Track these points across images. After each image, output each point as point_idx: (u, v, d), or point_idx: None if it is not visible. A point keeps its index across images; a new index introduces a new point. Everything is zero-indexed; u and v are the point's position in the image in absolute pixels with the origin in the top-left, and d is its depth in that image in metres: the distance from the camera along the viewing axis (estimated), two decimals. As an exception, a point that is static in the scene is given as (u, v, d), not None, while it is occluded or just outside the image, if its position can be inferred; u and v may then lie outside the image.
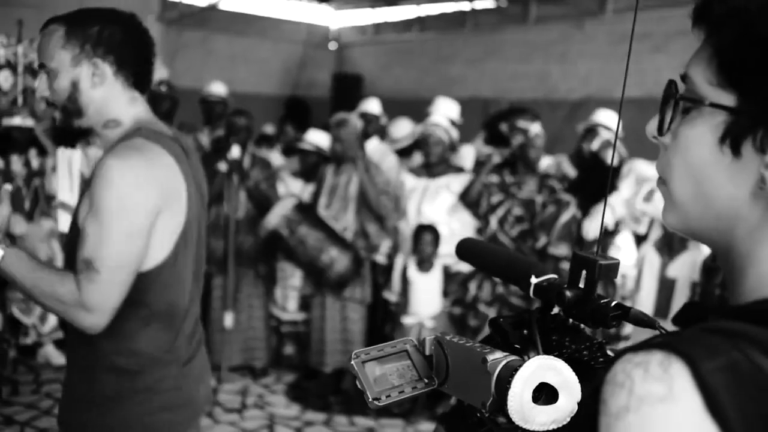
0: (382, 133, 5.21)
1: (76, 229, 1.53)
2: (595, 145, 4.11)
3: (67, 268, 1.52)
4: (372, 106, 5.29)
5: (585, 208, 3.77)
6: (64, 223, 1.69)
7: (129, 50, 1.59)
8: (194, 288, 1.68)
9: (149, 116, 1.64)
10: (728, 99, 0.59)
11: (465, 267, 4.00)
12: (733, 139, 0.59)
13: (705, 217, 0.64)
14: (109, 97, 1.57)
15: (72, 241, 1.54)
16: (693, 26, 0.63)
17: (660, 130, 0.66)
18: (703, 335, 0.52)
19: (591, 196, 3.67)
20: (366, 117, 5.15)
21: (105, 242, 1.44)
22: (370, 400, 0.79)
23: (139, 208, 1.47)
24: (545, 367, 0.69)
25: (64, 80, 1.54)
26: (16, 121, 4.44)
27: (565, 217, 3.72)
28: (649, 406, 0.49)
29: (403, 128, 5.05)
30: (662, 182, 0.67)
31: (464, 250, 0.97)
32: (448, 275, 4.03)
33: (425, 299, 3.99)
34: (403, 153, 4.93)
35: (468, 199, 4.01)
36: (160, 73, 5.19)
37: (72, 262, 1.50)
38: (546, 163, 4.33)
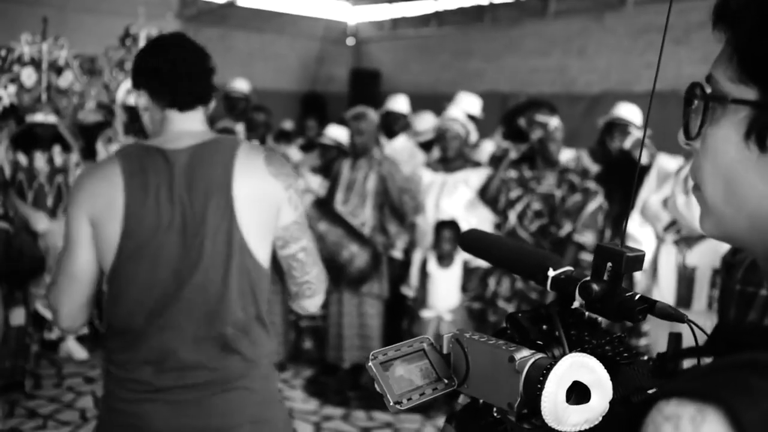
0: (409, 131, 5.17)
1: None
2: (627, 143, 4.07)
3: None
4: (398, 104, 5.20)
5: (612, 200, 3.75)
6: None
7: (156, 77, 1.67)
8: (166, 314, 1.58)
9: (168, 134, 1.67)
10: (750, 94, 0.58)
11: (484, 262, 3.98)
12: (758, 133, 0.57)
13: (739, 219, 0.62)
14: (153, 120, 1.71)
15: None
16: (714, 28, 0.62)
17: (687, 135, 0.64)
18: (741, 375, 0.49)
19: (621, 188, 3.63)
20: (392, 115, 5.11)
21: (63, 252, 1.61)
22: (391, 404, 0.77)
23: (72, 220, 1.59)
24: (578, 365, 0.67)
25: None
26: (39, 117, 4.48)
27: (593, 205, 3.70)
28: None
29: (427, 122, 5.03)
30: (697, 188, 0.66)
31: (469, 241, 0.94)
32: (468, 270, 4.01)
33: (444, 294, 3.98)
34: (425, 147, 4.91)
35: (486, 196, 3.98)
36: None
37: None
38: (566, 156, 4.29)
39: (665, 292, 3.45)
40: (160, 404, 1.59)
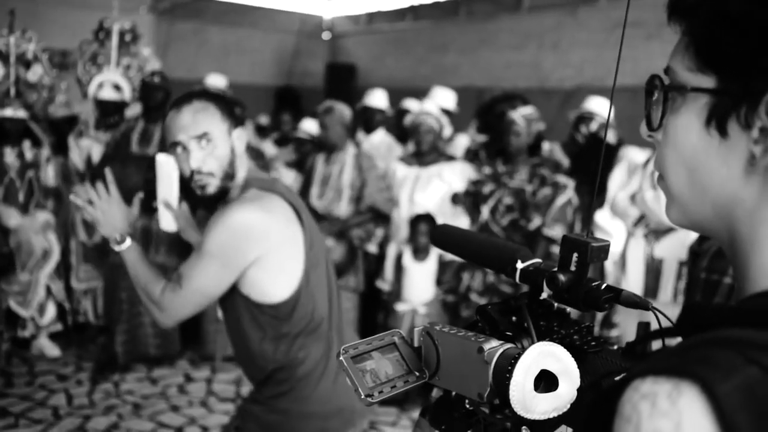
0: (388, 126, 5.16)
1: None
2: (593, 126, 4.11)
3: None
4: (376, 99, 5.16)
5: (582, 192, 3.77)
6: (166, 221, 2.00)
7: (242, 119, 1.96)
8: (333, 308, 1.98)
9: (250, 165, 1.92)
10: (708, 81, 0.59)
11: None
12: (718, 119, 0.59)
13: (703, 206, 0.63)
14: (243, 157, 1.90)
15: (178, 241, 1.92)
16: (669, 20, 0.64)
17: (649, 126, 0.66)
18: (714, 351, 0.50)
19: (589, 178, 3.65)
20: (370, 110, 5.10)
21: (196, 270, 1.76)
22: (362, 397, 0.78)
23: (236, 257, 1.76)
24: (545, 354, 0.68)
25: (224, 148, 1.80)
26: (8, 112, 4.41)
27: (562, 199, 3.72)
28: None
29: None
30: (661, 178, 0.67)
31: (440, 236, 0.95)
32: (442, 264, 4.03)
33: (419, 287, 3.99)
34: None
35: (457, 201, 4.00)
36: (152, 64, 5.17)
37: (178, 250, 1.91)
38: (546, 147, 4.32)
39: (633, 284, 3.51)
40: (343, 390, 1.95)
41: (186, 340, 4.66)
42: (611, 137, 4.31)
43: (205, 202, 2.00)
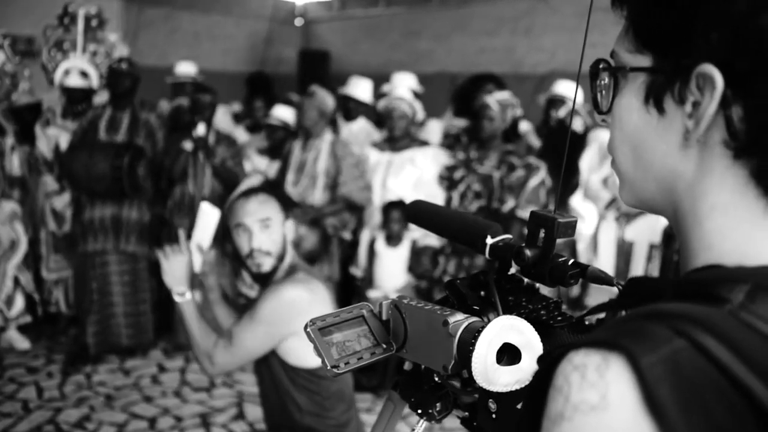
0: (370, 115, 5.09)
1: None
2: (561, 113, 4.13)
3: None
4: (360, 91, 5.03)
5: (554, 175, 3.79)
6: (197, 262, 2.27)
7: None
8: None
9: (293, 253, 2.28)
10: (645, 61, 0.62)
11: (434, 241, 4.01)
12: (654, 97, 0.61)
13: (648, 183, 0.65)
14: None
15: None
16: (612, 7, 0.66)
17: (597, 109, 0.68)
18: (645, 324, 0.51)
19: (559, 161, 3.67)
20: (352, 101, 5.03)
21: (247, 332, 2.05)
22: (328, 368, 0.78)
23: (282, 325, 2.05)
24: (508, 328, 0.68)
25: (279, 234, 2.17)
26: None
27: (535, 181, 3.73)
28: (582, 416, 0.49)
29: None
30: (613, 161, 0.69)
31: (414, 212, 0.96)
32: (418, 250, 4.03)
33: (391, 273, 3.99)
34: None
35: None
36: (119, 50, 5.08)
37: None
38: (524, 128, 4.34)
39: (604, 266, 3.55)
40: None
41: (159, 329, 4.62)
42: (578, 124, 4.33)
43: (256, 278, 2.24)
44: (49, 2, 5.43)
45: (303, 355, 2.14)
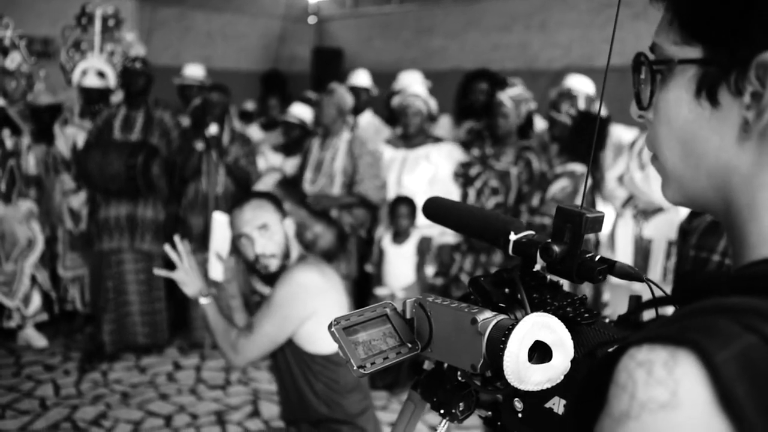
0: (376, 108, 5.11)
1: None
2: (581, 104, 4.08)
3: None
4: (360, 78, 5.15)
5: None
6: (215, 271, 2.34)
7: None
8: None
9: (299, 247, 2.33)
10: (695, 52, 0.59)
11: (451, 239, 3.99)
12: (708, 89, 0.59)
13: (699, 179, 0.63)
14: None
15: None
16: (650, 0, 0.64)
17: (639, 105, 0.66)
18: (710, 318, 0.49)
19: (583, 155, 3.58)
20: (354, 90, 5.04)
21: (265, 319, 2.11)
22: (354, 368, 0.77)
23: (297, 307, 2.10)
24: (540, 325, 0.67)
25: (280, 234, 2.21)
26: (-14, 100, 4.34)
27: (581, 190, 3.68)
28: (650, 414, 0.47)
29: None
30: (655, 158, 0.67)
31: (433, 209, 0.94)
32: (431, 247, 4.01)
33: (398, 271, 3.96)
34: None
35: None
36: (136, 49, 5.09)
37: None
38: (540, 126, 4.30)
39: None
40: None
41: (175, 328, 4.63)
42: (603, 112, 4.27)
43: (266, 279, 2.29)
44: (64, 3, 5.47)
45: (319, 340, 2.18)
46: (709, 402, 0.45)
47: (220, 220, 2.34)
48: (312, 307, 2.15)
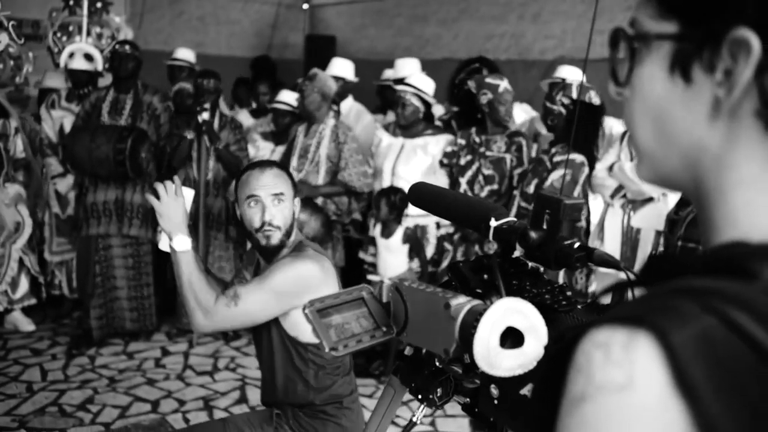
0: (354, 93, 5.07)
1: None
2: (574, 93, 4.07)
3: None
4: (337, 68, 5.00)
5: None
6: (164, 243, 2.15)
7: None
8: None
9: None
10: (671, 27, 0.58)
11: (446, 230, 3.99)
12: (681, 65, 0.57)
13: (670, 157, 0.61)
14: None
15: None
16: None
17: (616, 81, 0.64)
18: (672, 299, 0.48)
19: (583, 139, 3.54)
20: (335, 79, 4.99)
21: (252, 296, 2.04)
22: (327, 350, 0.77)
23: (291, 298, 2.04)
24: (512, 311, 0.66)
25: (290, 210, 2.17)
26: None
27: (581, 179, 3.67)
28: (606, 396, 0.46)
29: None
30: (631, 137, 0.66)
31: (417, 194, 0.94)
32: (415, 237, 3.99)
33: (389, 262, 3.95)
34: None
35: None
36: (124, 33, 5.05)
37: None
38: (520, 119, 4.27)
39: (611, 253, 3.51)
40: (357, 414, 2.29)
41: (163, 313, 4.62)
42: (595, 100, 4.26)
43: (263, 252, 2.21)
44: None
45: (310, 330, 2.20)
46: (666, 383, 0.45)
47: (186, 194, 2.15)
48: (305, 299, 2.13)
